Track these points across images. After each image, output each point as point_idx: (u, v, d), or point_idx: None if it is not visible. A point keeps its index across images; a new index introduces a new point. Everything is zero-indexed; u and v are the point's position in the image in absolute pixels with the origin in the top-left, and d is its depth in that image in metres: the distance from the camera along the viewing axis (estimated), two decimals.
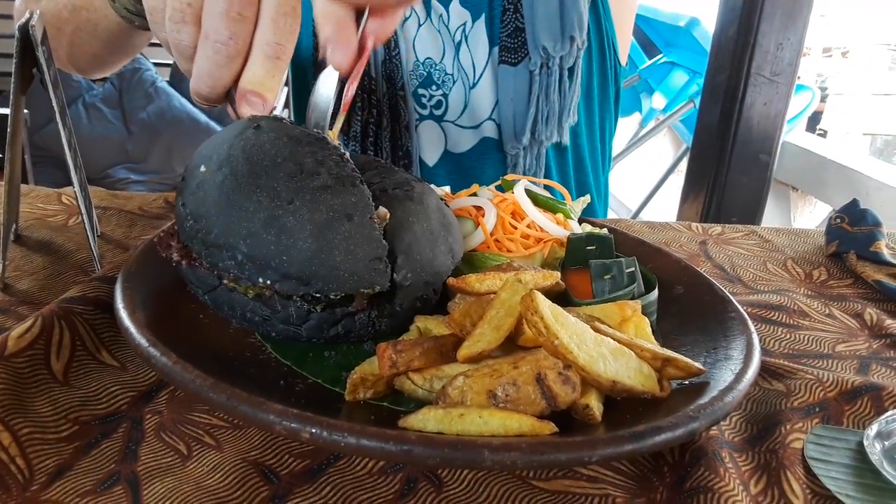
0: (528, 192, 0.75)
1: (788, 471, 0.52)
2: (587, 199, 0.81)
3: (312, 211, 0.53)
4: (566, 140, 1.22)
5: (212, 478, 0.47)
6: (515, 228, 0.71)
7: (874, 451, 0.52)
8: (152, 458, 0.48)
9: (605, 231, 0.74)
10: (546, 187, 0.83)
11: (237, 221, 0.53)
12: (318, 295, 0.53)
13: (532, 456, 0.41)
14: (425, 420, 0.44)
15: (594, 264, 0.64)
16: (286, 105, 2.78)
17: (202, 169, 0.56)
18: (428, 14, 1.19)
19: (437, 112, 1.23)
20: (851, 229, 0.96)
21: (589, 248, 0.69)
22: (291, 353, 0.56)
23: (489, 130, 1.25)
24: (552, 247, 0.71)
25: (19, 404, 0.50)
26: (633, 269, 0.64)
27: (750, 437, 0.57)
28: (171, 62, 3.38)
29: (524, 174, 1.22)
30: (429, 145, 1.25)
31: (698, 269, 0.73)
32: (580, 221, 0.79)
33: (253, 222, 0.52)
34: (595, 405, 0.46)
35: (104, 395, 0.53)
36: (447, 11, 1.18)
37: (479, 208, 0.73)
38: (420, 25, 1.20)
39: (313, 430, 0.42)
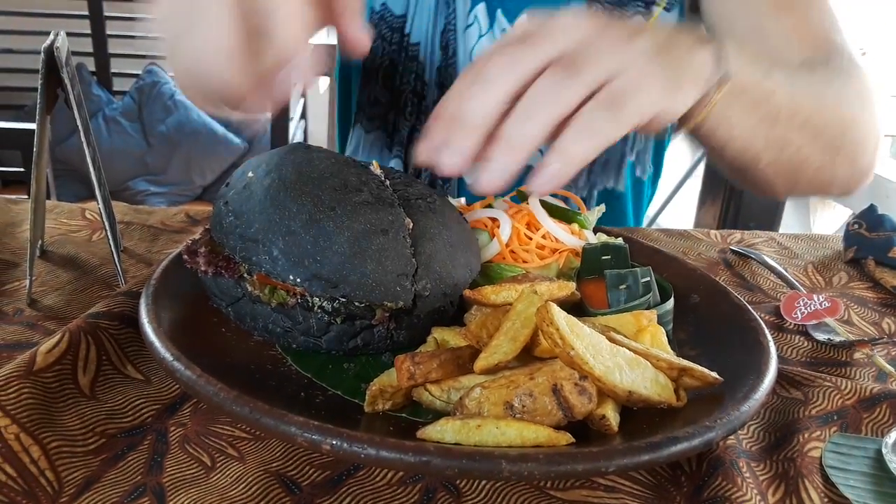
0: (543, 203, 0.75)
1: (806, 479, 0.52)
2: (602, 208, 0.81)
3: (352, 220, 0.56)
4: (622, 187, 1.16)
5: (235, 489, 0.48)
6: (531, 239, 0.72)
7: (893, 459, 0.52)
8: (177, 469, 0.49)
9: (620, 240, 0.75)
10: (561, 197, 0.83)
11: (279, 219, 0.55)
12: (342, 299, 0.55)
13: (549, 466, 0.42)
14: (443, 431, 0.45)
15: (609, 274, 0.65)
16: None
17: (250, 174, 0.60)
18: (491, 25, 1.17)
19: None
20: (869, 235, 0.96)
21: (604, 257, 0.70)
22: (311, 365, 0.57)
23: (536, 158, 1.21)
24: (567, 257, 0.72)
25: (48, 418, 0.51)
26: (648, 278, 0.64)
27: (768, 446, 0.57)
28: None
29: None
30: None
31: (714, 278, 0.73)
32: (595, 230, 0.80)
33: (294, 221, 0.55)
34: (612, 415, 0.47)
35: (130, 408, 0.55)
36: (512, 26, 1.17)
37: (493, 220, 0.74)
38: (481, 36, 1.17)
39: (334, 442, 0.43)
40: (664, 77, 0.64)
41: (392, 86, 1.19)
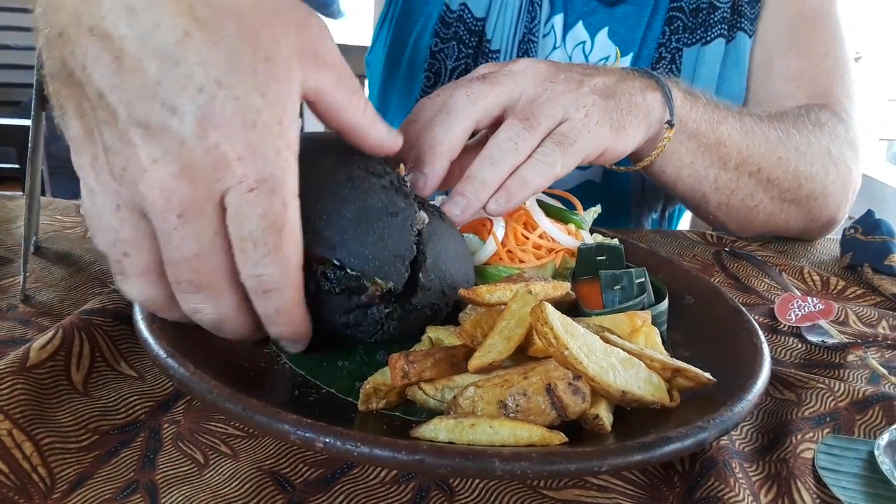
0: (540, 203, 0.76)
1: (799, 480, 0.52)
2: (598, 209, 0.81)
3: (365, 194, 0.56)
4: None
5: (228, 486, 0.48)
6: (527, 239, 0.72)
7: (885, 460, 0.52)
8: (170, 466, 0.49)
9: (615, 241, 0.75)
10: (556, 197, 0.83)
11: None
12: (336, 263, 0.55)
13: (542, 466, 0.42)
14: (437, 430, 0.45)
15: (604, 275, 0.65)
16: None
17: None
18: (563, 39, 1.16)
19: None
20: (864, 238, 0.96)
21: (599, 258, 0.70)
22: (305, 363, 0.57)
23: (595, 175, 1.21)
24: (564, 257, 0.72)
25: (41, 414, 0.51)
26: (643, 279, 0.64)
27: (760, 447, 0.57)
28: None
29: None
30: None
31: (709, 279, 0.73)
32: (591, 231, 0.80)
33: (307, 185, 0.53)
34: (605, 415, 0.47)
35: (123, 405, 0.55)
36: (592, 41, 1.16)
37: (484, 222, 0.73)
38: (555, 48, 1.17)
39: (327, 440, 0.43)
40: (610, 119, 0.74)
41: None
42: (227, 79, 0.44)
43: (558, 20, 1.15)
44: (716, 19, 1.12)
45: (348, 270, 0.56)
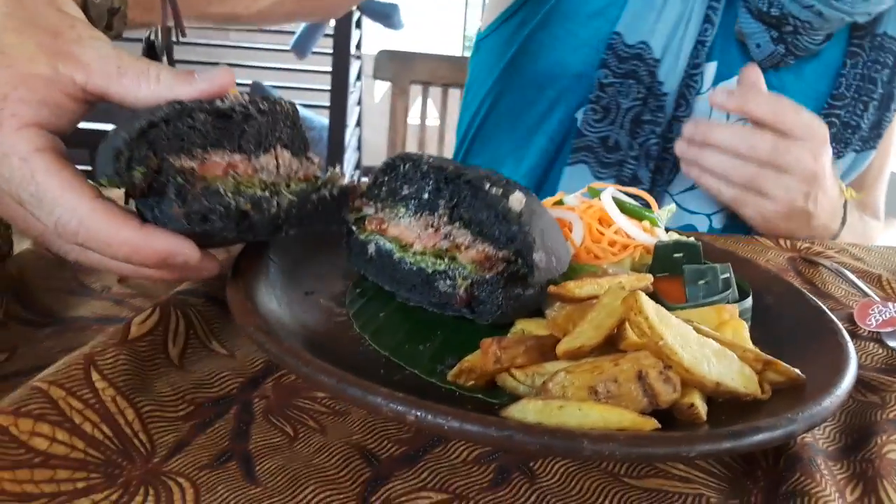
0: (615, 200, 0.76)
1: (885, 480, 0.51)
2: (672, 208, 0.81)
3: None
4: None
5: (318, 457, 0.49)
6: (603, 235, 0.72)
7: None
8: (262, 438, 0.51)
9: (692, 239, 0.74)
10: (630, 195, 0.83)
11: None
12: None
13: (630, 448, 0.42)
14: (525, 410, 0.46)
15: (688, 269, 0.65)
16: None
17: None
18: (712, 86, 1.18)
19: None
20: None
21: (676, 255, 0.70)
22: (388, 345, 0.59)
23: (717, 222, 1.25)
24: (640, 253, 0.72)
25: (142, 384, 0.54)
26: (727, 274, 0.64)
27: (844, 447, 0.56)
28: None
29: None
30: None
31: (789, 280, 0.72)
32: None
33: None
34: (699, 404, 0.47)
35: (216, 379, 0.57)
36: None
37: (563, 222, 0.74)
38: (699, 93, 1.18)
39: (418, 413, 0.44)
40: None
41: (635, 132, 1.17)
42: None
43: (710, 68, 1.17)
44: (854, 137, 1.20)
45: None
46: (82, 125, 0.58)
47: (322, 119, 3.29)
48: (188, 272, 0.59)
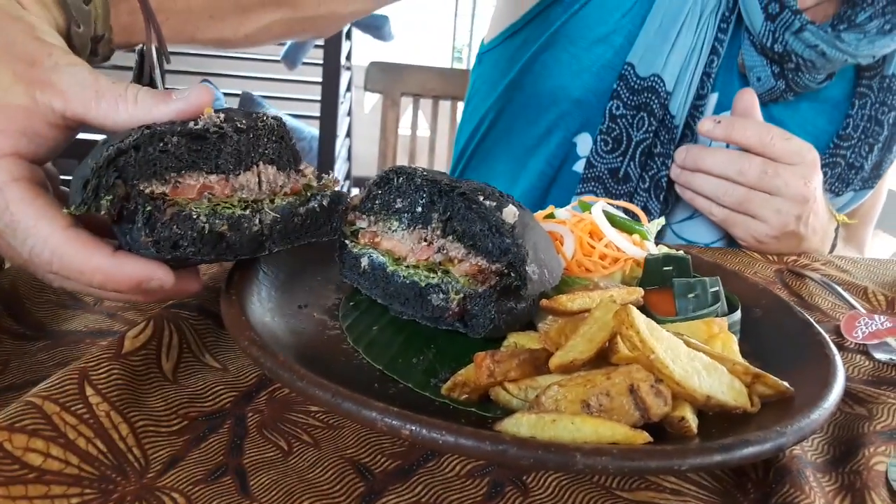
0: (605, 213, 0.77)
1: (873, 492, 0.52)
2: (661, 221, 0.82)
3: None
4: None
5: (312, 472, 0.50)
6: (594, 248, 0.73)
7: None
8: (256, 452, 0.51)
9: (681, 252, 0.75)
10: (619, 209, 0.84)
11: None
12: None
13: (623, 462, 0.43)
14: (518, 424, 0.46)
15: (678, 283, 0.66)
16: None
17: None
18: (713, 113, 1.20)
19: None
20: None
21: (666, 268, 0.70)
22: (382, 358, 0.59)
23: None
24: (630, 266, 0.72)
25: (135, 399, 0.54)
26: (717, 288, 0.64)
27: (832, 459, 0.57)
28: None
29: None
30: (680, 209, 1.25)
31: (777, 293, 0.73)
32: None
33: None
34: (690, 417, 0.47)
35: (209, 393, 0.57)
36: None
37: (554, 235, 0.75)
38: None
39: (413, 428, 0.44)
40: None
41: (646, 164, 1.18)
42: None
43: (712, 99, 1.19)
44: (857, 178, 1.22)
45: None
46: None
47: (312, 129, 3.29)
48: (166, 295, 0.59)
